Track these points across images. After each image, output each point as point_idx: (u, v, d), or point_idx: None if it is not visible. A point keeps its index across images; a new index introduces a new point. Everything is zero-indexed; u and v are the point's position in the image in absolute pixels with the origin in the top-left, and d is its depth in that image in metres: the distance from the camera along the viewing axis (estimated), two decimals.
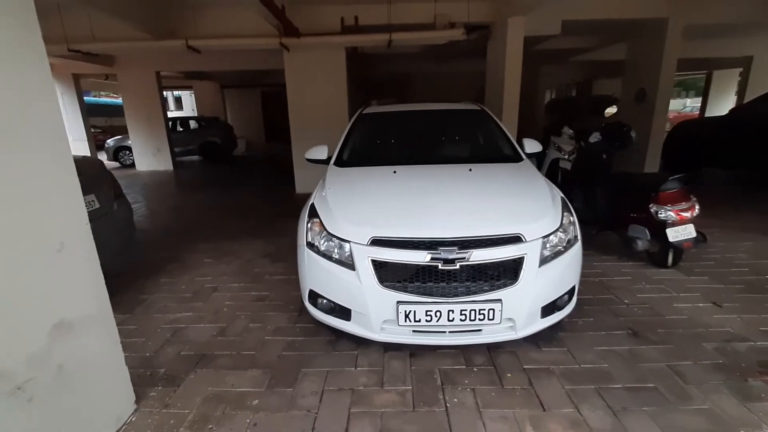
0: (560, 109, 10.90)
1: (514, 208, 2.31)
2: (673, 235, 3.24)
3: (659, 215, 3.26)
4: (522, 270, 2.07)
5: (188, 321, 2.90)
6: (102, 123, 21.46)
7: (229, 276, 3.67)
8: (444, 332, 2.13)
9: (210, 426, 1.92)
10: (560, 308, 2.28)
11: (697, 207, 3.27)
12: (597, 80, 14.64)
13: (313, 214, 2.46)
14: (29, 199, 1.49)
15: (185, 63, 10.42)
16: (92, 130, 18.99)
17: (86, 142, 11.02)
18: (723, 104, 14.07)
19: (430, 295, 2.05)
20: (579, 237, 2.37)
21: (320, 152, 3.36)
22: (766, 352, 2.33)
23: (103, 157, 12.61)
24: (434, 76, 13.19)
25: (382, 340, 2.17)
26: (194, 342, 2.63)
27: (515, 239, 2.10)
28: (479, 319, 2.03)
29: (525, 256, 2.08)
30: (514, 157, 3.15)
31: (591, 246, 4.09)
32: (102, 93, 23.90)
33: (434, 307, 2.02)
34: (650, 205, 3.30)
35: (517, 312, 2.08)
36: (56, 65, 10.42)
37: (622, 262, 3.71)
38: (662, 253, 3.45)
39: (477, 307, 2.02)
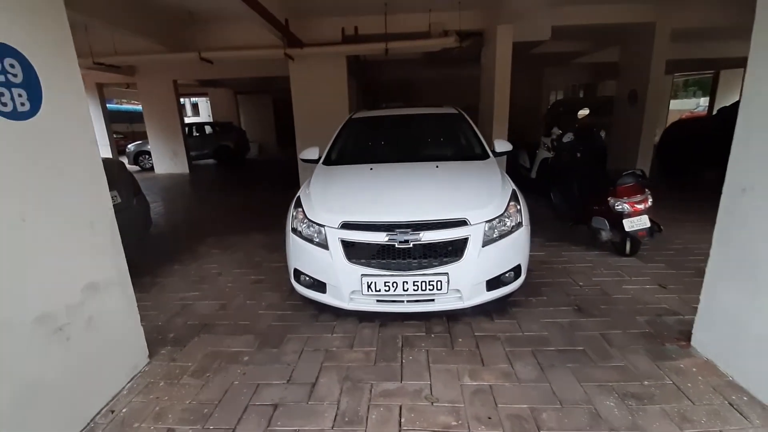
0: (559, 111, 11.14)
1: (463, 197, 2.69)
2: (629, 225, 3.57)
3: (616, 207, 3.59)
4: (466, 249, 2.46)
5: (195, 299, 3.36)
6: (124, 129, 22.48)
7: (233, 263, 4.13)
8: (402, 301, 2.52)
9: (207, 374, 2.36)
10: (506, 284, 2.65)
11: (650, 199, 3.59)
12: (603, 82, 14.79)
13: (298, 204, 2.90)
14: (69, 189, 1.95)
15: (200, 72, 11.01)
16: (114, 135, 19.96)
17: (108, 147, 11.72)
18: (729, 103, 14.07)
19: (389, 269, 2.46)
20: (525, 223, 2.74)
21: (312, 153, 3.80)
22: (690, 323, 2.64)
23: (124, 161, 13.37)
24: (437, 81, 13.58)
25: (351, 308, 2.58)
26: (199, 314, 3.09)
27: (461, 223, 2.49)
28: (429, 289, 2.42)
29: (469, 237, 2.47)
30: (482, 156, 3.53)
31: (565, 238, 4.44)
32: (124, 100, 24.93)
33: (391, 279, 2.43)
34: (608, 198, 3.64)
35: (462, 284, 2.47)
36: (81, 75, 11.18)
37: (588, 252, 4.03)
38: (622, 242, 3.77)
39: (427, 279, 2.41)
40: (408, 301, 2.52)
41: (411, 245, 2.44)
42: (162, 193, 8.65)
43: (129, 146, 13.60)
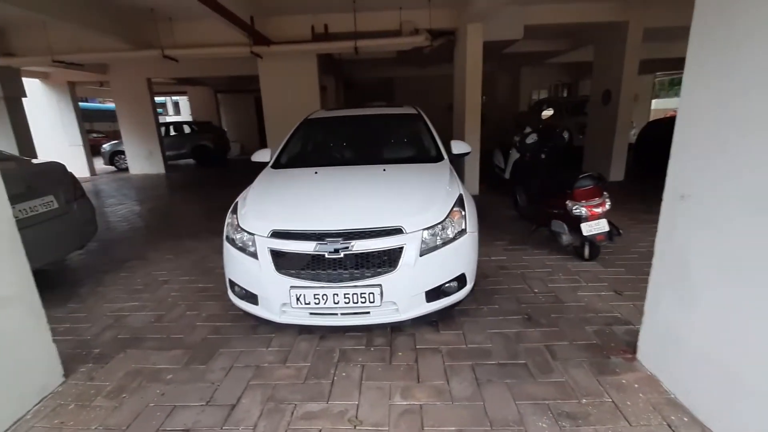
0: (541, 110, 11.09)
1: (401, 203, 2.55)
2: (587, 229, 3.47)
3: (574, 211, 3.49)
4: (401, 258, 2.32)
5: (132, 309, 3.19)
6: (107, 128, 22.10)
7: (183, 270, 3.96)
8: (336, 314, 2.39)
9: (123, 395, 2.20)
10: (448, 294, 2.52)
11: (608, 203, 3.49)
12: (583, 81, 14.79)
13: (234, 210, 2.75)
14: None
15: (175, 69, 10.72)
16: (95, 135, 19.57)
17: (82, 147, 11.39)
18: None
19: (319, 280, 2.32)
20: (470, 230, 2.60)
21: (264, 155, 3.67)
22: (638, 334, 2.55)
23: (99, 161, 13.05)
24: (421, 79, 13.48)
25: (283, 321, 2.44)
26: (131, 327, 2.92)
27: (396, 231, 2.36)
28: (361, 302, 2.28)
29: (405, 245, 2.34)
30: (436, 158, 3.40)
31: (528, 241, 4.34)
32: (108, 99, 24.44)
33: (321, 291, 2.28)
34: (566, 202, 3.53)
35: (398, 296, 2.33)
36: (52, 74, 10.88)
37: (550, 256, 3.93)
38: (582, 246, 3.68)
39: (359, 291, 2.27)
40: (342, 314, 2.38)
41: (342, 255, 2.30)
42: (131, 195, 8.41)
43: (104, 146, 13.29)
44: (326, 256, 2.30)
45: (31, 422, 2.02)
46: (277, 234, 2.39)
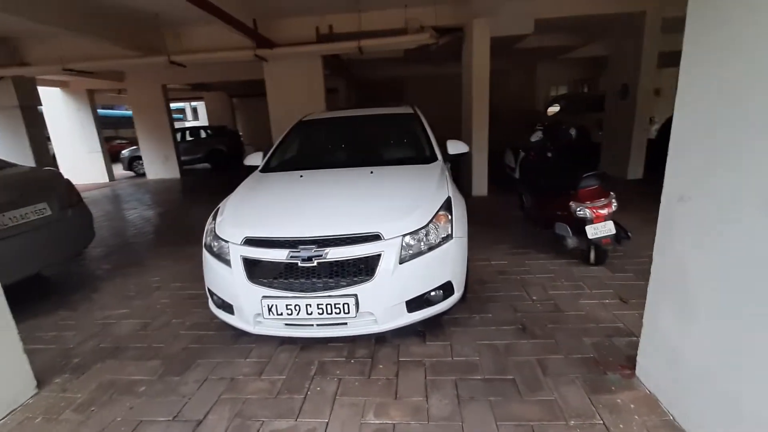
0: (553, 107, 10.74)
1: (381, 208, 2.41)
2: (592, 232, 3.25)
3: (578, 212, 3.28)
4: (378, 266, 2.19)
5: (120, 317, 3.16)
6: (131, 135, 22.74)
7: (177, 277, 3.93)
8: (312, 325, 2.27)
9: (92, 408, 2.15)
10: (433, 303, 2.37)
11: (614, 204, 3.26)
12: (603, 76, 14.26)
13: (214, 217, 2.68)
14: None
15: (188, 75, 10.96)
16: (119, 141, 20.13)
17: (101, 154, 11.69)
18: None
19: (292, 290, 2.20)
20: (457, 235, 2.44)
21: (256, 159, 3.61)
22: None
23: (118, 167, 13.37)
24: (432, 78, 13.31)
25: (257, 332, 2.34)
26: (115, 335, 2.89)
27: (374, 237, 2.22)
28: (335, 313, 2.16)
29: (382, 253, 2.20)
30: (429, 159, 3.25)
31: (532, 244, 4.13)
32: None
33: (294, 302, 2.17)
34: (570, 203, 3.32)
35: (375, 306, 2.20)
36: (72, 82, 11.21)
37: (554, 261, 3.72)
38: (587, 250, 3.46)
39: (333, 301, 2.15)
40: (318, 325, 2.27)
41: (315, 264, 2.19)
42: (144, 200, 8.56)
43: (123, 152, 13.60)
44: (299, 264, 2.19)
45: None
46: (249, 241, 2.30)
